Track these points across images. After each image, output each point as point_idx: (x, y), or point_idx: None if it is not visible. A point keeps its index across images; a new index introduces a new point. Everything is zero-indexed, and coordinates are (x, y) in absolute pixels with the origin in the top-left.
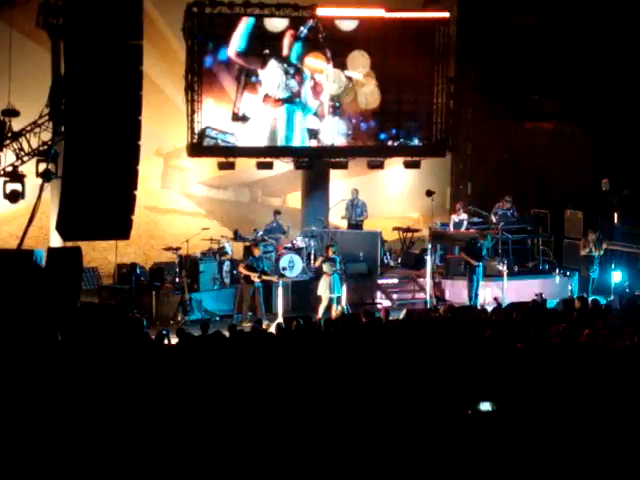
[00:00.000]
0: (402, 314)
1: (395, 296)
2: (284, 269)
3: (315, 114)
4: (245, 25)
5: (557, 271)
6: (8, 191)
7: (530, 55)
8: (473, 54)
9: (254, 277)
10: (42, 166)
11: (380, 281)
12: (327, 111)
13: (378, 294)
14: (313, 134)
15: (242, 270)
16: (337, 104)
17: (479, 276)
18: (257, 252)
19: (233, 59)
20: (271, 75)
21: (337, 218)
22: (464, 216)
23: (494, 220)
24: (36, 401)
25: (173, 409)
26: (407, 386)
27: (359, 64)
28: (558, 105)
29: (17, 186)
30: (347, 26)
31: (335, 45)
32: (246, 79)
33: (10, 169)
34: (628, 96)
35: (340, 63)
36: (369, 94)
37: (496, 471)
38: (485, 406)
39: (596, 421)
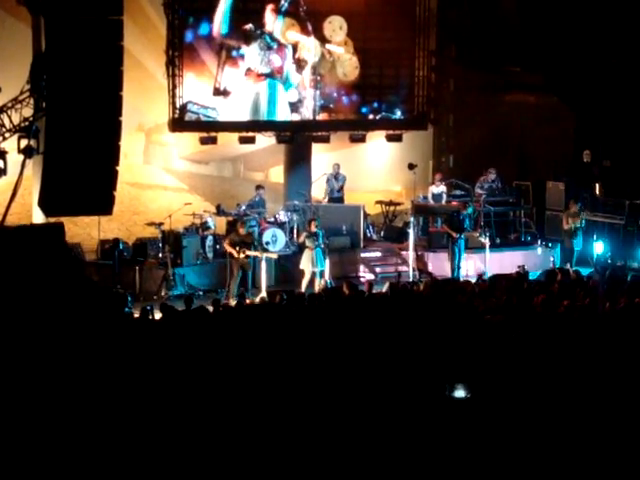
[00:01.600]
0: (385, 287)
1: (378, 269)
2: (267, 243)
3: (297, 88)
4: (225, 3)
5: (539, 243)
6: None
7: (511, 27)
8: (454, 26)
9: (236, 253)
10: (24, 142)
11: (363, 254)
12: (308, 84)
13: (361, 267)
14: (295, 108)
15: (226, 246)
16: (318, 77)
17: (461, 248)
18: (242, 231)
19: (217, 38)
20: (253, 50)
21: (319, 192)
22: (443, 188)
23: (480, 193)
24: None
25: (158, 385)
26: (390, 360)
27: (337, 26)
28: (540, 77)
29: None
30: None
31: (316, 17)
32: (227, 53)
33: None
34: (609, 68)
35: (320, 36)
36: (346, 64)
37: (480, 448)
38: (459, 393)
39: (578, 392)
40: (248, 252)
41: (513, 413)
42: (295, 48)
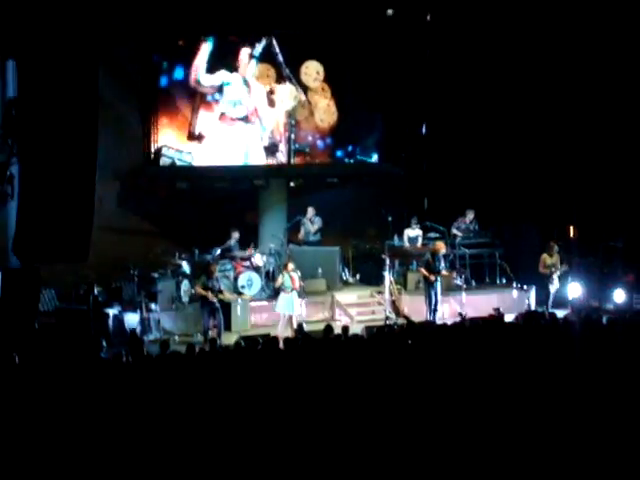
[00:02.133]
0: (361, 330)
1: (354, 312)
2: (242, 287)
3: (272, 132)
4: (207, 50)
5: (514, 285)
6: None
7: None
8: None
9: (211, 297)
10: None
11: (339, 297)
12: (283, 129)
13: (337, 311)
14: (270, 152)
15: (199, 290)
16: (292, 122)
17: (437, 291)
18: (214, 272)
19: (192, 84)
20: (227, 94)
21: (296, 236)
22: (419, 231)
23: (458, 234)
24: None
25: (133, 428)
26: (369, 403)
27: (313, 71)
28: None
29: None
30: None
31: (292, 59)
32: (201, 98)
33: None
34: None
35: (297, 79)
36: (323, 111)
37: None
38: None
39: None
40: (221, 296)
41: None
42: (269, 92)
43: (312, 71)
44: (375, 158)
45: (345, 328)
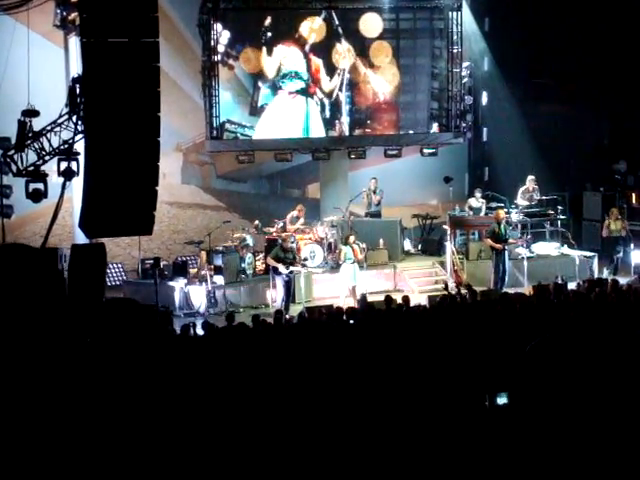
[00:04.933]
0: (425, 300)
1: (416, 283)
2: (306, 259)
3: (333, 103)
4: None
5: (577, 252)
6: (31, 190)
7: (543, 38)
8: (486, 39)
9: (282, 268)
10: (63, 165)
11: (400, 268)
12: (345, 100)
13: (399, 281)
14: (331, 124)
15: (270, 262)
16: (349, 94)
17: (505, 259)
18: (288, 242)
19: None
20: (286, 68)
21: (357, 207)
22: (482, 202)
23: (522, 202)
24: (64, 400)
25: (199, 401)
26: (430, 374)
27: (381, 52)
28: (573, 88)
29: (39, 185)
30: (370, 32)
31: (355, 39)
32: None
33: (32, 169)
34: None
35: (362, 55)
36: (389, 79)
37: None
38: (502, 399)
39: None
40: (292, 267)
41: (554, 422)
42: (333, 65)
43: (380, 52)
44: (434, 128)
45: (406, 298)
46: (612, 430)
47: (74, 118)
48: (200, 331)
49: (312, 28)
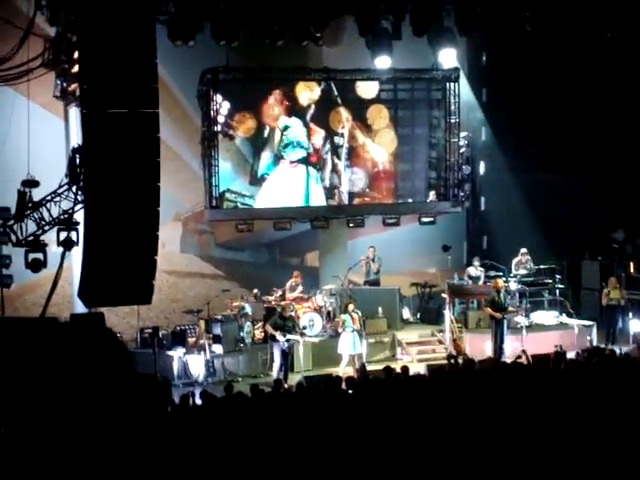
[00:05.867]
0: (423, 369)
1: (415, 351)
2: (304, 328)
3: (332, 171)
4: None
5: (575, 322)
6: (30, 260)
7: (538, 108)
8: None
9: (280, 336)
10: (63, 235)
11: (399, 337)
12: (344, 169)
13: (398, 350)
14: (330, 193)
15: (269, 329)
16: (348, 164)
17: (503, 328)
18: (288, 312)
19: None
20: (288, 137)
21: (355, 276)
22: (481, 270)
23: (519, 272)
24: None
25: (198, 472)
26: (427, 444)
27: (378, 115)
28: (567, 157)
29: (39, 255)
30: (367, 93)
31: (353, 103)
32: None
33: (31, 239)
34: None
35: (360, 119)
36: (387, 142)
37: None
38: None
39: None
40: (289, 336)
41: None
42: (331, 133)
43: (377, 116)
44: (432, 197)
45: (405, 368)
46: None
47: (74, 188)
48: (198, 401)
49: (311, 99)
